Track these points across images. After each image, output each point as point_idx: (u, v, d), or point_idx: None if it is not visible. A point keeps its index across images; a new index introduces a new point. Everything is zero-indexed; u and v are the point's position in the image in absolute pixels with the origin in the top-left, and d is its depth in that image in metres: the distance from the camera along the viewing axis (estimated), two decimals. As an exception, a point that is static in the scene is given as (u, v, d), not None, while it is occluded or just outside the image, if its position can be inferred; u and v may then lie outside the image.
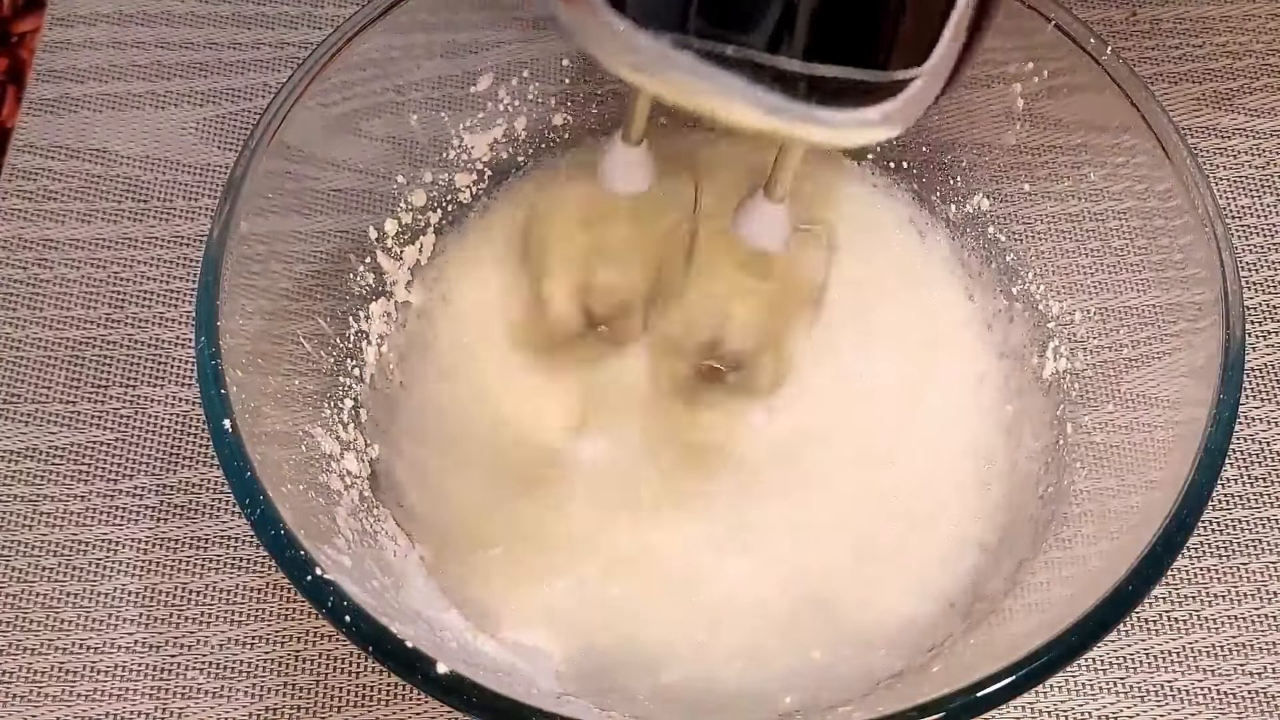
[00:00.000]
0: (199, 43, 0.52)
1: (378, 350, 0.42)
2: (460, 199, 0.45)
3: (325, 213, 0.41)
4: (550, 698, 0.36)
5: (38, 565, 0.42)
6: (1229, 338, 0.34)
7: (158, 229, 0.48)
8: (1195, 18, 0.52)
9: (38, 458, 0.44)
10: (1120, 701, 0.40)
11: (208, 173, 0.49)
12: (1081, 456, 0.39)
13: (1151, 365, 0.38)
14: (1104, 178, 0.40)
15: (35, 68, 0.51)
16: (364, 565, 0.35)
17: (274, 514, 0.32)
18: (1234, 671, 0.40)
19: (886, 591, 0.39)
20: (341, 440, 0.39)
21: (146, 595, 0.42)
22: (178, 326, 0.46)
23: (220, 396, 0.33)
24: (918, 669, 0.37)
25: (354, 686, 0.40)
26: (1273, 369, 0.45)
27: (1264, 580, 0.42)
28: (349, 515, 0.37)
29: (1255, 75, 0.51)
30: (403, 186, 0.44)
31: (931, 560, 0.39)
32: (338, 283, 0.41)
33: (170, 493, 0.43)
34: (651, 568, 0.39)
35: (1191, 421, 0.34)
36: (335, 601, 0.31)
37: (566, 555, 0.39)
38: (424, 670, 0.30)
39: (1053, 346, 0.42)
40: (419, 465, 0.41)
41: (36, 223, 0.48)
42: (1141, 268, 0.39)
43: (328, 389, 0.40)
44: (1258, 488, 0.43)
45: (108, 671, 0.40)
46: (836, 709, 0.36)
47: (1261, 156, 0.49)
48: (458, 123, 0.44)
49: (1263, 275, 0.47)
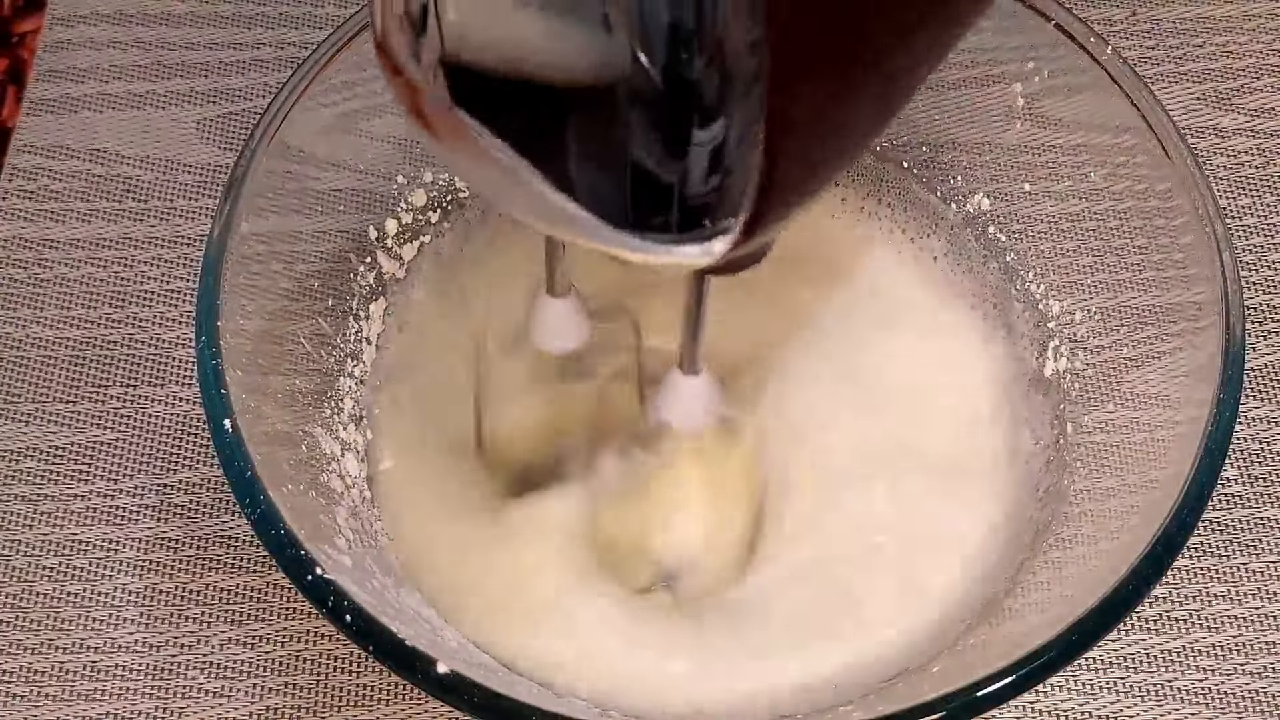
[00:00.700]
0: (199, 43, 0.52)
1: (377, 350, 0.42)
2: (460, 199, 0.45)
3: (325, 213, 0.41)
4: (550, 698, 0.36)
5: (38, 565, 0.42)
6: (1229, 338, 0.34)
7: (158, 229, 0.48)
8: (1195, 18, 0.52)
9: (38, 458, 0.44)
10: (1120, 701, 0.40)
11: (208, 173, 0.49)
12: (1081, 456, 0.39)
13: (1151, 365, 0.38)
14: (1104, 178, 0.40)
15: (35, 68, 0.51)
16: (364, 565, 0.35)
17: (274, 514, 0.32)
18: (1234, 671, 0.40)
19: (887, 592, 0.39)
20: (341, 440, 0.39)
21: (147, 595, 0.42)
22: (178, 326, 0.46)
23: (220, 396, 0.33)
24: (918, 669, 0.37)
25: (354, 686, 0.40)
26: (1273, 369, 0.45)
27: (1264, 580, 0.42)
28: (349, 515, 0.37)
29: (1255, 75, 0.51)
30: (403, 186, 0.44)
31: (931, 561, 0.39)
32: (338, 283, 0.41)
33: (170, 492, 0.43)
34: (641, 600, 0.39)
35: (1192, 421, 0.34)
36: (335, 601, 0.31)
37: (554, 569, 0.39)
38: (424, 670, 0.30)
39: (1053, 346, 0.42)
40: (417, 467, 0.41)
41: (37, 223, 0.48)
42: (1141, 268, 0.39)
43: (328, 389, 0.40)
44: (1258, 488, 0.43)
45: (108, 671, 0.40)
46: (836, 709, 0.36)
47: (1261, 156, 0.49)
48: (458, 123, 0.44)
49: (1263, 275, 0.47)
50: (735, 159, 0.24)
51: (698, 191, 0.24)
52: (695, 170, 0.24)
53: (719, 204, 0.24)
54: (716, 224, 0.25)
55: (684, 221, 0.25)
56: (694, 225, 0.25)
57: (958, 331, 0.43)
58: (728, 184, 0.24)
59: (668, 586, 0.39)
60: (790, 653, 0.38)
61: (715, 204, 0.24)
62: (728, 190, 0.24)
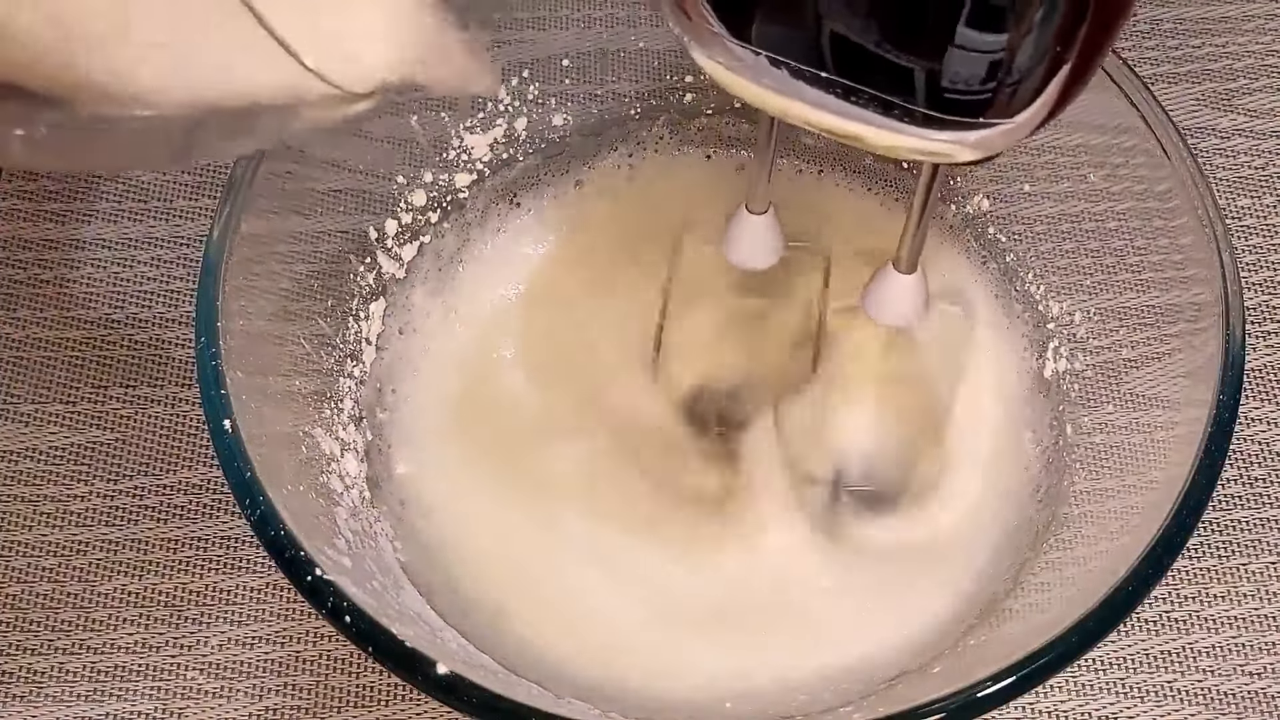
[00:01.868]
0: (199, 43, 0.52)
1: (377, 351, 0.42)
2: (460, 199, 0.45)
3: (325, 213, 0.41)
4: (550, 698, 0.36)
5: (38, 565, 0.42)
6: (1229, 338, 0.34)
7: (158, 229, 0.48)
8: (1195, 18, 0.52)
9: (38, 458, 0.44)
10: (1120, 701, 0.40)
11: (208, 173, 0.49)
12: (1081, 457, 0.39)
13: (1151, 365, 0.38)
14: (1104, 178, 0.40)
15: (35, 68, 0.51)
16: (364, 565, 0.35)
17: (274, 514, 0.32)
18: (1234, 671, 0.40)
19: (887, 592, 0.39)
20: (341, 441, 0.39)
21: (146, 595, 0.42)
22: (178, 327, 0.46)
23: (220, 396, 0.33)
24: (918, 669, 0.37)
25: (354, 686, 0.40)
26: (1273, 369, 0.45)
27: (1264, 580, 0.42)
28: (349, 516, 0.37)
29: (1255, 75, 0.51)
30: (403, 187, 0.44)
31: (931, 561, 0.39)
32: (338, 283, 0.41)
33: (170, 493, 0.43)
34: (653, 590, 0.39)
35: (1191, 422, 0.34)
36: (335, 602, 0.31)
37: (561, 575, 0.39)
38: (424, 670, 0.30)
39: (1053, 347, 0.42)
40: (416, 469, 0.41)
41: (37, 223, 0.48)
42: (1141, 268, 0.39)
43: (328, 389, 0.40)
44: (1258, 488, 0.43)
45: (108, 671, 0.40)
46: (836, 709, 0.36)
47: (1261, 156, 0.49)
48: (458, 123, 0.44)
49: (1263, 275, 0.47)
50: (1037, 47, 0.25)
51: (1016, 70, 0.26)
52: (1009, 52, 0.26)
53: (1013, 95, 0.26)
54: (998, 115, 0.27)
55: (972, 109, 0.27)
56: (978, 114, 0.27)
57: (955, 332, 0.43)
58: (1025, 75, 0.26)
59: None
60: (791, 652, 0.38)
61: (1007, 95, 0.26)
62: (1022, 81, 0.26)
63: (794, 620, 0.38)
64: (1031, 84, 0.26)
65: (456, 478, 0.41)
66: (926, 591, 0.39)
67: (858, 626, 0.38)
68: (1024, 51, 0.25)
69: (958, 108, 0.27)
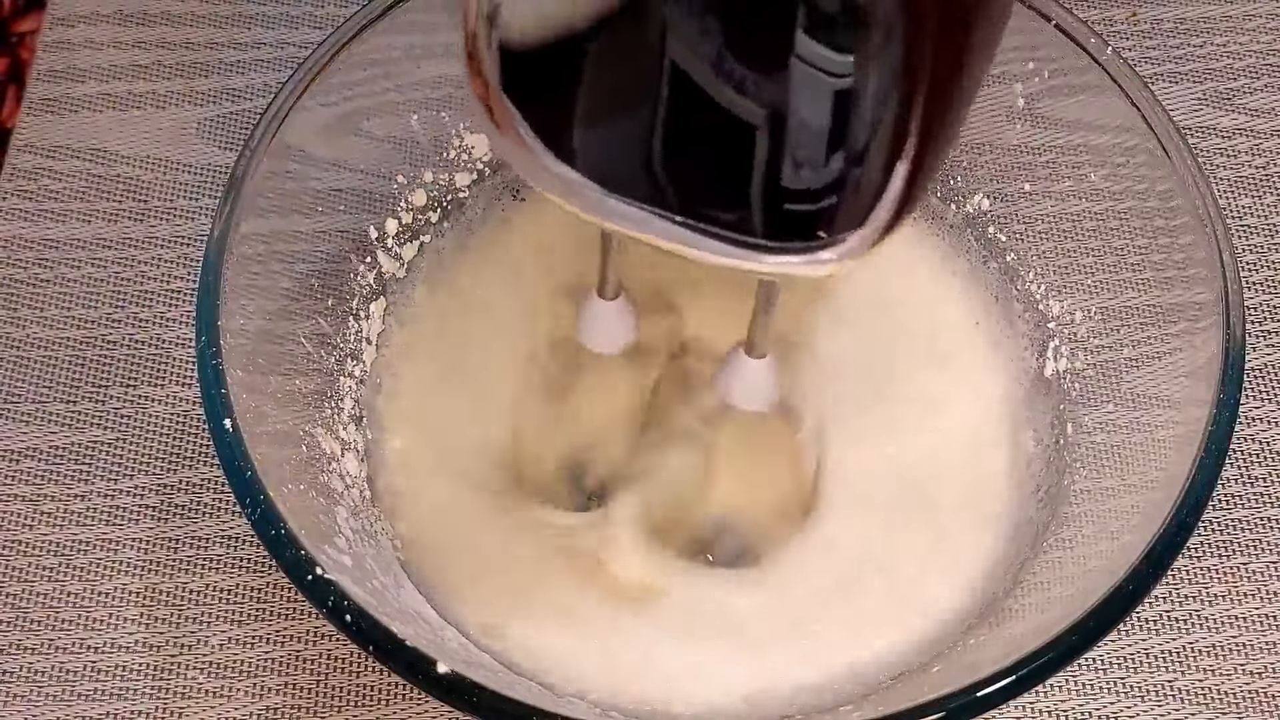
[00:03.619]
0: (199, 43, 0.52)
1: (378, 350, 0.42)
2: (460, 199, 0.45)
3: (325, 213, 0.41)
4: (550, 697, 0.36)
5: (38, 565, 0.42)
6: (1229, 338, 0.34)
7: (158, 229, 0.48)
8: (1195, 18, 0.52)
9: (38, 458, 0.44)
10: (1120, 701, 0.40)
11: (208, 173, 0.49)
12: (1081, 456, 0.39)
13: (1151, 365, 0.38)
14: (1104, 178, 0.40)
15: (35, 68, 0.51)
16: (364, 565, 0.35)
17: (274, 514, 0.32)
18: (1234, 671, 0.40)
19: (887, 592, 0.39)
20: (342, 440, 0.39)
21: (147, 595, 0.42)
22: (178, 326, 0.46)
23: (220, 396, 0.33)
24: (918, 669, 0.37)
25: (354, 686, 0.40)
26: (1273, 369, 0.45)
27: (1264, 580, 0.42)
28: (349, 515, 0.37)
29: (1255, 75, 0.51)
30: (403, 186, 0.44)
31: (931, 562, 0.39)
32: (338, 283, 0.41)
33: (170, 493, 0.43)
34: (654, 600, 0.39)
35: (1191, 422, 0.34)
36: (335, 601, 0.31)
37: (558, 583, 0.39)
38: (424, 670, 0.30)
39: (1053, 346, 0.42)
40: (416, 470, 0.41)
41: (37, 223, 0.48)
42: (1141, 268, 0.39)
43: (328, 389, 0.40)
44: (1258, 488, 0.43)
45: (108, 671, 0.40)
46: (836, 709, 0.36)
47: (1261, 156, 0.49)
48: (458, 123, 0.44)
49: (1263, 275, 0.47)
50: (872, 155, 0.24)
51: (827, 195, 0.25)
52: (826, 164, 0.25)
53: (841, 214, 0.25)
54: (834, 234, 0.25)
55: (805, 229, 0.25)
56: (813, 235, 0.25)
57: (957, 332, 0.43)
58: (854, 191, 0.25)
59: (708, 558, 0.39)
60: (792, 652, 0.38)
61: (836, 214, 0.25)
62: (851, 199, 0.25)
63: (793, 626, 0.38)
64: (868, 191, 0.25)
65: (448, 484, 0.41)
66: (926, 591, 0.39)
67: (858, 628, 0.38)
68: (859, 163, 0.24)
69: (795, 225, 0.26)
